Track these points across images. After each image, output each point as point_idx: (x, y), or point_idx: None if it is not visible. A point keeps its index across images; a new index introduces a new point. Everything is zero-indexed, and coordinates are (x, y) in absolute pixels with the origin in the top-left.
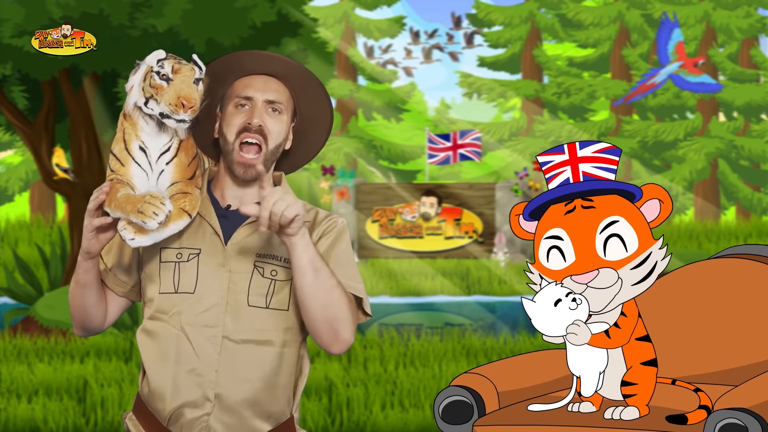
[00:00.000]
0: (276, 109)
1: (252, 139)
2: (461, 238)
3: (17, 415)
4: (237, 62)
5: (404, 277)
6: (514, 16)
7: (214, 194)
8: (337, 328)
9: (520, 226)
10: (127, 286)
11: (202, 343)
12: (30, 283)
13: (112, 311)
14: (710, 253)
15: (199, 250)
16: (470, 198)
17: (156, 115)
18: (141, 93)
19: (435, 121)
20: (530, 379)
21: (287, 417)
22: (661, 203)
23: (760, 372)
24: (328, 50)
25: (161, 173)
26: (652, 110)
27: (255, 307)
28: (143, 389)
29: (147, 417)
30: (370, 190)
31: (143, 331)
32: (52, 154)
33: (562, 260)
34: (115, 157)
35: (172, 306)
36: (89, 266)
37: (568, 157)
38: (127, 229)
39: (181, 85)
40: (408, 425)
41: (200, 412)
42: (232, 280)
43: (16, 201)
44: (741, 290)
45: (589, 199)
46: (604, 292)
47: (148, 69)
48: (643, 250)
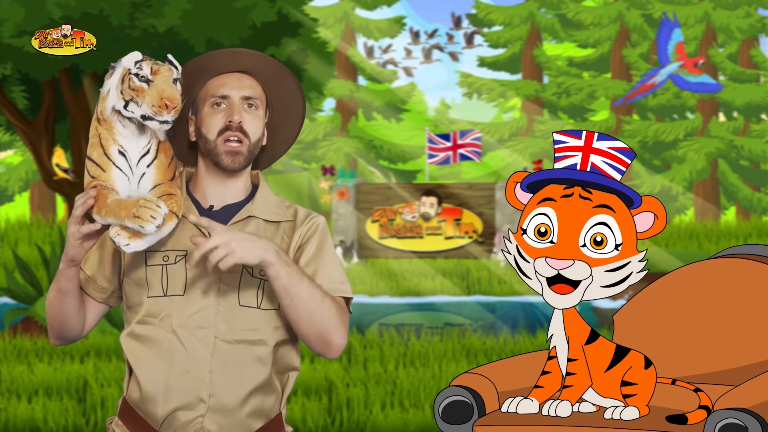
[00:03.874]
0: (252, 104)
1: (234, 137)
2: (461, 238)
3: (17, 415)
4: (208, 62)
5: (404, 277)
6: (514, 16)
7: (195, 196)
8: (328, 338)
9: (515, 194)
10: (107, 292)
11: (194, 345)
12: (30, 283)
13: (90, 318)
14: (710, 253)
15: (186, 252)
16: (470, 198)
17: (137, 118)
18: (119, 96)
19: (435, 121)
20: (530, 379)
21: (276, 413)
22: (656, 218)
23: (760, 372)
24: (328, 50)
25: (142, 176)
26: (652, 110)
27: (247, 307)
28: (132, 394)
29: (136, 421)
30: (370, 190)
31: (131, 335)
32: (52, 154)
33: (544, 240)
34: (94, 163)
35: (161, 309)
36: (72, 274)
37: (583, 144)
38: (120, 234)
39: (162, 85)
40: (408, 425)
41: (194, 414)
42: (222, 281)
43: (16, 201)
44: (741, 290)
45: (588, 191)
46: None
47: (125, 71)
48: (623, 257)
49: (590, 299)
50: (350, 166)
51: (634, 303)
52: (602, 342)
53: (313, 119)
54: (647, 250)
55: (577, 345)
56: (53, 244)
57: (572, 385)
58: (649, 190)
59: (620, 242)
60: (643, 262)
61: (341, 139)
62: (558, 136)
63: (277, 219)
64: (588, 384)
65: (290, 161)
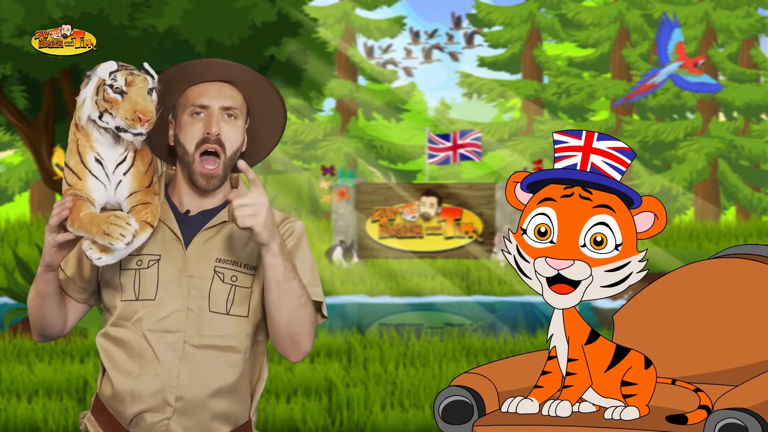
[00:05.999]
0: (232, 114)
1: (212, 149)
2: (461, 238)
3: (17, 415)
4: (190, 69)
5: (404, 277)
6: (514, 16)
7: (172, 199)
8: (298, 341)
9: (515, 194)
10: (86, 292)
11: (163, 349)
12: (30, 283)
13: (71, 317)
14: (710, 253)
15: (159, 256)
16: (470, 198)
17: (112, 129)
18: (94, 107)
19: (435, 121)
20: (530, 379)
21: (246, 419)
22: (656, 218)
23: (760, 372)
24: (328, 50)
25: (119, 184)
26: (652, 110)
27: (216, 313)
28: (104, 391)
29: (106, 418)
30: (370, 190)
31: (106, 336)
32: (52, 154)
33: (544, 240)
34: (71, 171)
35: (133, 313)
36: (50, 278)
37: (583, 144)
38: (92, 248)
39: (136, 98)
40: (408, 425)
41: (160, 417)
42: (193, 286)
43: (16, 201)
44: (741, 290)
45: (588, 191)
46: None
47: (100, 82)
48: (623, 257)
49: (590, 299)
50: (350, 166)
51: (634, 303)
52: (602, 342)
53: (313, 119)
54: (647, 250)
55: (577, 345)
56: None
57: (572, 385)
58: (649, 190)
59: (620, 242)
60: (643, 262)
61: (341, 139)
62: (558, 136)
63: None
64: (588, 384)
65: (290, 161)
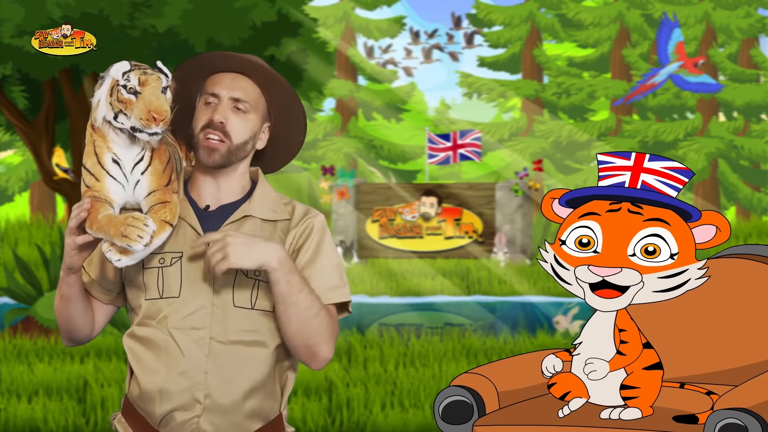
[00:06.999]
0: (241, 107)
1: (213, 136)
2: (461, 238)
3: (17, 415)
4: (211, 59)
5: (404, 277)
6: (514, 16)
7: (191, 195)
8: (315, 350)
9: (552, 208)
10: (112, 294)
11: (189, 346)
12: (30, 283)
13: (99, 320)
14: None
15: (181, 253)
16: (470, 198)
17: (127, 129)
18: (109, 108)
19: (435, 121)
20: (530, 379)
21: (276, 414)
22: (718, 231)
23: (760, 372)
24: (328, 50)
25: (137, 184)
26: (652, 110)
27: (241, 308)
28: (132, 391)
29: (136, 418)
30: (370, 190)
31: (132, 336)
32: (52, 154)
33: (586, 250)
34: (88, 172)
35: (158, 311)
36: (73, 281)
37: (632, 164)
38: (111, 250)
39: (150, 98)
40: (408, 425)
41: (190, 415)
42: (217, 281)
43: (16, 201)
44: (741, 290)
45: (638, 206)
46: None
47: (114, 82)
48: (679, 265)
49: (641, 302)
50: (350, 166)
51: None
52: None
53: (313, 119)
54: (708, 258)
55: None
56: (53, 244)
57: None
58: None
59: (676, 252)
60: (703, 270)
61: (341, 139)
62: (602, 157)
63: (274, 218)
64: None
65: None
